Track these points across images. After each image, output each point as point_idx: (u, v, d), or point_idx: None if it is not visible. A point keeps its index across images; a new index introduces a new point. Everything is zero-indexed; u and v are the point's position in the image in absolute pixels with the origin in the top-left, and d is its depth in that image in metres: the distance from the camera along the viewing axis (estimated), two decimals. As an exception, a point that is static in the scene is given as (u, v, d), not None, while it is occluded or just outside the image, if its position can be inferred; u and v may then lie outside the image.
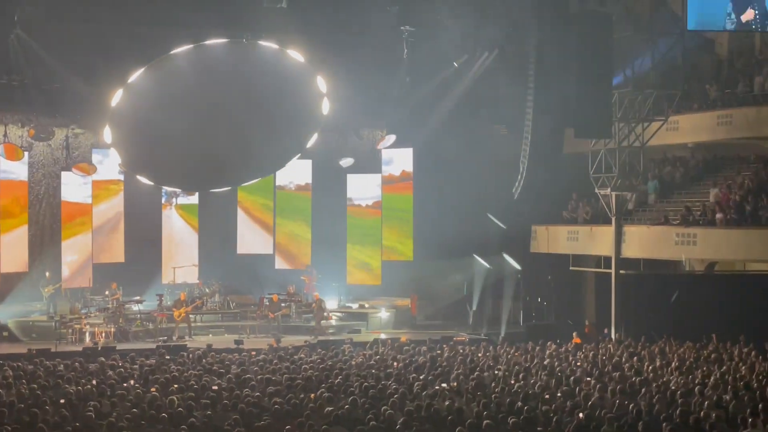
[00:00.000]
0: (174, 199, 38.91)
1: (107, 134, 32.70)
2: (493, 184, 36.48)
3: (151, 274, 37.66)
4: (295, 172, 38.99)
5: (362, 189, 39.73)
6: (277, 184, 39.71)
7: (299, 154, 35.26)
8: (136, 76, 31.77)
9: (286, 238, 40.07)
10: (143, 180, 34.49)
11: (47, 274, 35.22)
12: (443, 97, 36.63)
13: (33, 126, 33.64)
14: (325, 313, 35.63)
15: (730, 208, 31.63)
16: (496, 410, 17.75)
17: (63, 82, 31.87)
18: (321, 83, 33.19)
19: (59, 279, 35.55)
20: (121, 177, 37.11)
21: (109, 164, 36.38)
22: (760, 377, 21.77)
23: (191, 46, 31.85)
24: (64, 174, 36.35)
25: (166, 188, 37.53)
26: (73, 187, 36.47)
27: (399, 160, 39.24)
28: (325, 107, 33.60)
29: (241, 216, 39.94)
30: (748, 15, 31.98)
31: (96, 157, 36.65)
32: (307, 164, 39.09)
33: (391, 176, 39.50)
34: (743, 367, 23.52)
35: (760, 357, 25.55)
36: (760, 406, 17.96)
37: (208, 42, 31.97)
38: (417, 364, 24.12)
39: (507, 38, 34.56)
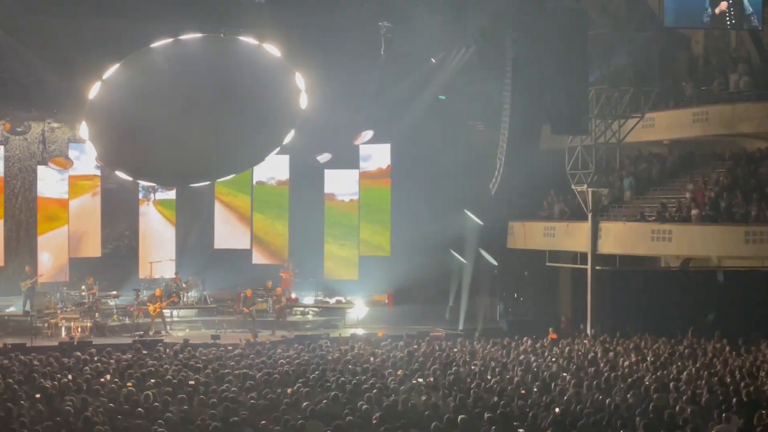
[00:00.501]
0: (152, 195, 38.78)
1: (84, 130, 32.57)
2: (470, 180, 36.51)
3: (128, 268, 37.53)
4: (273, 168, 38.89)
5: (340, 184, 39.68)
6: (254, 179, 39.61)
7: (277, 150, 35.18)
8: (112, 71, 31.64)
9: (263, 234, 39.99)
10: (121, 175, 34.38)
11: (27, 268, 35.04)
12: (421, 93, 36.65)
13: (9, 120, 33.46)
14: (285, 300, 35.52)
15: (705, 205, 31.79)
16: (473, 405, 17.79)
17: (39, 75, 31.70)
18: (299, 79, 33.14)
19: (36, 274, 35.40)
20: (98, 172, 36.97)
21: (85, 159, 36.20)
22: (734, 372, 21.90)
23: (168, 40, 31.74)
24: (40, 169, 36.19)
25: (143, 183, 37.38)
26: (50, 183, 36.33)
27: (377, 155, 39.21)
28: (303, 103, 33.55)
29: (218, 211, 39.84)
30: (722, 6, 32.06)
31: (73, 152, 36.52)
32: (285, 160, 39.00)
33: (368, 172, 39.46)
34: (717, 363, 23.66)
35: (734, 352, 25.71)
36: (734, 400, 18.09)
37: (185, 36, 31.86)
38: (394, 359, 24.14)
39: (484, 34, 34.60)
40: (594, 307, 33.22)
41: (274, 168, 38.95)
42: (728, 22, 32.49)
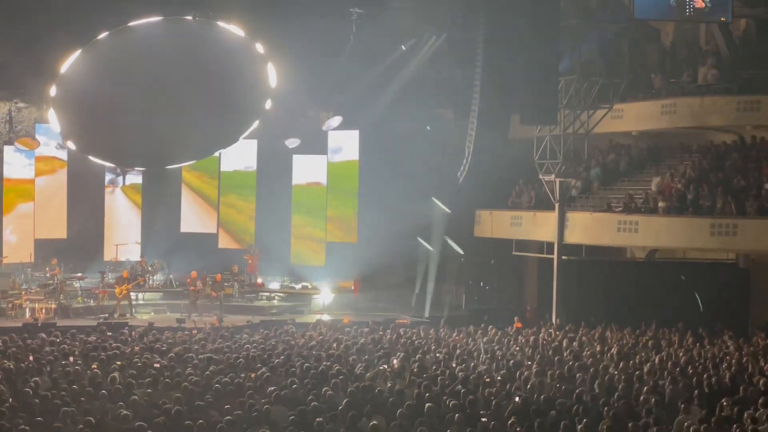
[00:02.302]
0: (119, 180, 38.56)
1: (52, 116, 32.49)
2: (438, 168, 36.55)
3: (94, 251, 37.36)
4: (241, 152, 38.74)
5: (308, 170, 39.58)
6: (222, 163, 39.45)
7: (244, 135, 35.09)
8: (75, 56, 31.51)
9: (229, 218, 39.88)
10: (93, 159, 34.28)
11: None
12: (390, 80, 36.61)
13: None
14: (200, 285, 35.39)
15: (672, 197, 31.96)
16: (438, 393, 17.85)
17: (4, 55, 31.44)
18: (267, 63, 33.03)
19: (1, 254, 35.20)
20: (63, 155, 36.71)
21: (52, 141, 36.04)
22: (697, 364, 22.06)
23: (135, 23, 31.61)
24: (7, 150, 35.95)
25: (108, 169, 37.27)
26: (16, 166, 36.11)
27: (345, 142, 39.15)
28: (272, 86, 33.45)
29: (185, 194, 39.67)
30: (699, 3, 32.18)
31: (40, 132, 36.27)
32: (253, 144, 38.89)
33: (336, 158, 39.38)
34: (681, 354, 23.82)
35: (698, 344, 25.89)
36: (696, 392, 18.25)
37: (150, 19, 31.72)
38: (359, 345, 24.18)
39: (455, 22, 34.61)
40: (559, 296, 33.37)
41: (241, 153, 38.80)
42: (688, 13, 32.50)
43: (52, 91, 31.87)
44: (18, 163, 36.15)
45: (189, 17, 31.78)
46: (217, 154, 38.00)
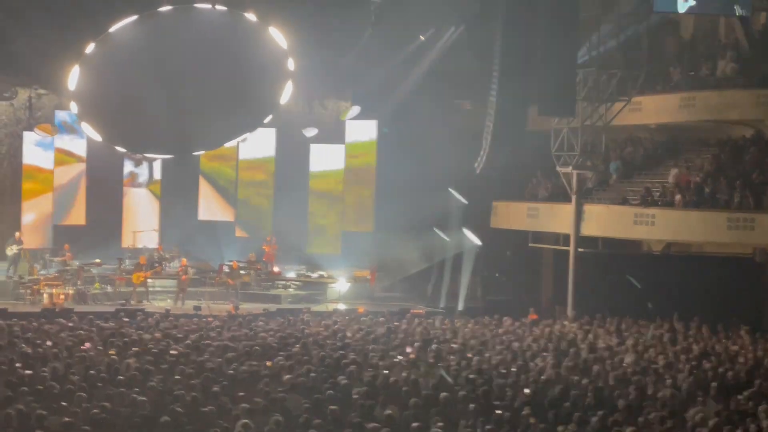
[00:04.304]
0: (143, 177, 38.67)
1: (73, 108, 32.60)
2: (455, 159, 36.44)
3: (112, 237, 37.43)
4: (259, 141, 38.74)
5: (325, 159, 39.58)
6: (240, 151, 39.45)
7: (263, 123, 35.11)
8: (94, 45, 31.55)
9: (247, 207, 39.90)
10: (118, 149, 34.44)
11: (17, 234, 34.87)
12: (409, 71, 36.55)
13: (-4, 86, 33.30)
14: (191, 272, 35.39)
15: (689, 190, 31.83)
16: (452, 383, 17.85)
17: (24, 40, 31.47)
18: (285, 51, 32.99)
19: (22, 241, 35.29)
20: (83, 144, 36.77)
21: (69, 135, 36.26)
22: (712, 357, 22.01)
23: (163, 9, 31.66)
24: (26, 135, 36.07)
25: (128, 157, 37.45)
26: (36, 152, 36.23)
27: (363, 132, 39.12)
28: (290, 77, 33.42)
29: (203, 182, 39.71)
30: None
31: (60, 118, 36.38)
32: (271, 133, 38.90)
33: (354, 148, 39.37)
34: (696, 347, 23.75)
35: (714, 337, 25.82)
36: (711, 385, 18.18)
37: (170, 7, 31.75)
38: (374, 335, 24.18)
39: (474, 13, 34.51)
40: (575, 288, 33.28)
41: (260, 141, 38.81)
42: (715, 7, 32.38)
43: (73, 80, 31.85)
44: (38, 150, 36.26)
45: (208, 6, 31.77)
46: (235, 142, 37.96)
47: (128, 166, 38.55)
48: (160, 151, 35.78)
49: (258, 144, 39.00)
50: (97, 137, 33.75)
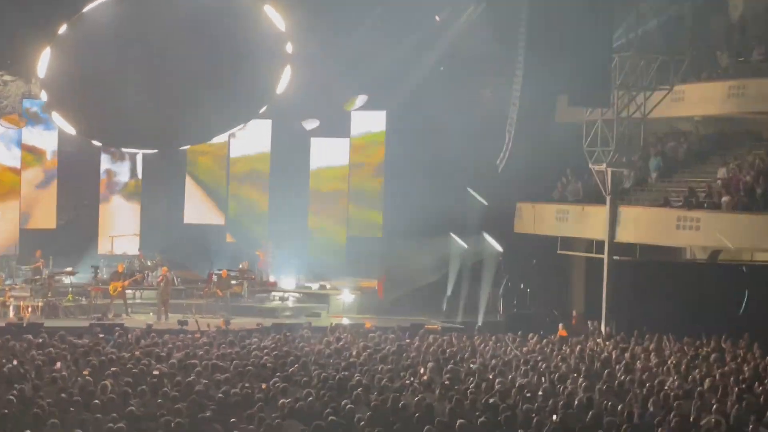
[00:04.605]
0: (115, 185, 38.79)
1: (45, 98, 32.64)
2: (475, 155, 36.40)
3: (86, 243, 37.49)
4: (252, 135, 38.77)
5: (328, 155, 39.60)
6: (231, 146, 39.46)
7: (257, 114, 35.14)
8: (67, 26, 31.60)
9: (240, 208, 39.93)
10: (94, 142, 34.44)
11: None
12: (423, 54, 36.52)
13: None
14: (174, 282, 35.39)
15: (738, 191, 31.76)
16: (470, 408, 17.82)
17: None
18: (283, 33, 33.04)
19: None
20: (54, 137, 36.81)
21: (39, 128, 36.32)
22: (765, 380, 21.92)
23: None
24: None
25: (106, 151, 37.47)
26: (2, 152, 36.36)
27: (370, 124, 39.13)
28: (288, 62, 33.46)
29: (189, 182, 39.73)
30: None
31: (27, 108, 36.42)
32: (266, 125, 38.92)
33: (360, 142, 39.38)
34: (746, 368, 23.67)
35: (766, 357, 25.72)
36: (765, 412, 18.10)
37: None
38: (383, 354, 24.15)
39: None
40: (610, 301, 33.23)
41: (253, 135, 38.83)
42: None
43: (43, 66, 31.89)
44: (2, 145, 36.33)
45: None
46: (226, 135, 37.99)
47: (105, 163, 38.57)
48: (141, 145, 35.88)
49: (252, 138, 39.04)
50: (71, 130, 33.81)
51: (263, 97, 34.30)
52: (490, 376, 21.62)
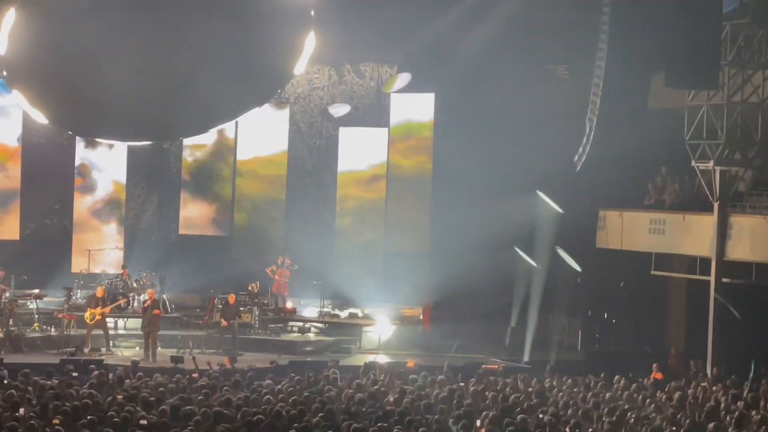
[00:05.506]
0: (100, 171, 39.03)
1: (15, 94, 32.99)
2: (546, 150, 36.42)
3: (57, 258, 37.68)
4: (266, 123, 38.87)
5: (360, 149, 39.67)
6: (239, 138, 39.57)
7: (272, 98, 35.24)
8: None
9: (249, 217, 40.03)
10: (72, 133, 34.66)
11: None
12: (479, 24, 36.51)
13: None
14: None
15: None
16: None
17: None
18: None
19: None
20: (15, 125, 37.08)
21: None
22: None
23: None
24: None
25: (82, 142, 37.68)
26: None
27: (415, 110, 39.18)
28: (312, 33, 33.56)
29: (185, 184, 39.87)
30: None
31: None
32: (284, 114, 39.04)
33: (401, 132, 39.43)
34: None
35: None
36: None
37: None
38: (429, 400, 24.14)
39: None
40: (717, 335, 33.12)
41: (268, 123, 38.93)
42: None
43: (4, 34, 32.04)
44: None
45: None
46: (233, 124, 38.10)
47: (81, 157, 38.71)
48: (127, 136, 35.95)
49: (265, 127, 39.13)
50: (39, 117, 33.95)
51: (280, 77, 34.34)
52: (566, 430, 21.59)
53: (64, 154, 38.20)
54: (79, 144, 38.23)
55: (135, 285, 36.84)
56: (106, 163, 39.12)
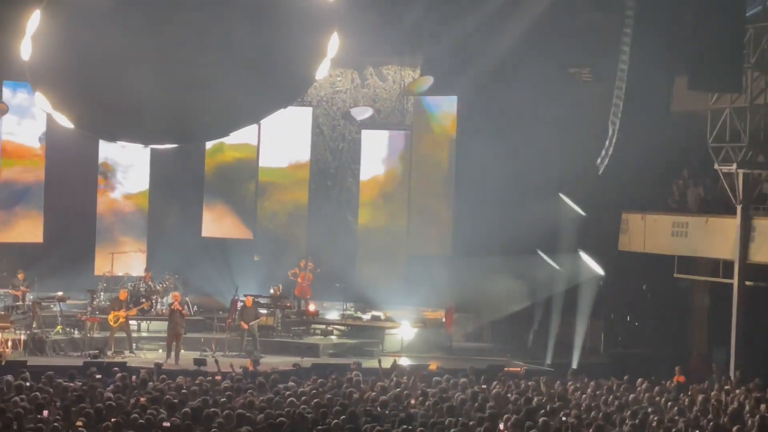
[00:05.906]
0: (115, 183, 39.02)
1: (39, 97, 32.99)
2: (568, 153, 36.40)
3: (81, 261, 37.72)
4: (289, 126, 38.88)
5: (383, 152, 39.67)
6: (261, 140, 39.58)
7: (295, 101, 35.28)
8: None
9: (271, 219, 40.05)
10: (94, 135, 34.72)
11: None
12: (503, 26, 36.51)
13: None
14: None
15: None
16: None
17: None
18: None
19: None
20: (40, 129, 37.14)
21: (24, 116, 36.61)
22: None
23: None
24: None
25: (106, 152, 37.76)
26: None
27: (438, 113, 39.17)
28: (336, 35, 33.57)
29: (208, 186, 39.91)
30: None
31: (7, 93, 36.72)
32: (306, 114, 39.06)
33: (425, 134, 39.42)
34: None
35: None
36: None
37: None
38: (452, 403, 24.13)
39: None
40: (741, 338, 33.03)
41: (290, 126, 38.95)
42: None
43: (26, 49, 32.08)
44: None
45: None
46: (256, 126, 38.10)
47: (104, 159, 38.77)
48: (151, 139, 35.99)
49: (288, 130, 39.14)
50: (64, 122, 34.01)
51: (303, 79, 34.35)
52: (589, 432, 21.59)
53: (88, 158, 38.24)
54: (103, 146, 38.25)
55: (158, 288, 36.87)
56: (130, 166, 39.19)
